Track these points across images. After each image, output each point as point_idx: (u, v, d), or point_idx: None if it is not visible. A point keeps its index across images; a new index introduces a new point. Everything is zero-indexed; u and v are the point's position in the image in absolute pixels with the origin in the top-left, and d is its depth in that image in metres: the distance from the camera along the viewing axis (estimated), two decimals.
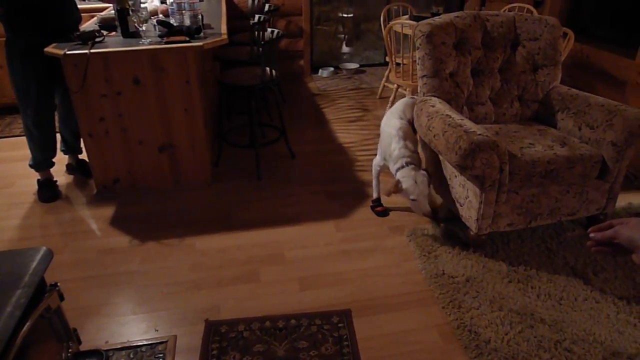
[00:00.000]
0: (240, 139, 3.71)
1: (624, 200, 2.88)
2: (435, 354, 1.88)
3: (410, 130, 2.59)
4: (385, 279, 2.27)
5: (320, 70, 5.50)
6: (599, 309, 2.08)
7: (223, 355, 1.88)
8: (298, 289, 2.22)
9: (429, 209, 2.39)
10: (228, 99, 4.21)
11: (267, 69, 3.17)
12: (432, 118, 2.38)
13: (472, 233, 2.38)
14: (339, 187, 3.10)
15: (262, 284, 2.25)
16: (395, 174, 2.45)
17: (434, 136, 2.32)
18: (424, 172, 2.42)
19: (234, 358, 1.87)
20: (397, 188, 2.40)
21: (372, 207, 2.82)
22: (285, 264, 2.38)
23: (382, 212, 2.79)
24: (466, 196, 2.33)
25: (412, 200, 2.39)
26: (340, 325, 2.01)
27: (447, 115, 2.31)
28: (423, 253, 2.41)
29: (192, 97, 2.82)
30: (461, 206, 2.40)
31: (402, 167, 2.42)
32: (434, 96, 2.58)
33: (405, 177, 2.38)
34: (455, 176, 2.41)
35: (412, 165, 2.42)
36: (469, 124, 2.20)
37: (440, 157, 2.51)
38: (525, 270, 2.30)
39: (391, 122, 2.62)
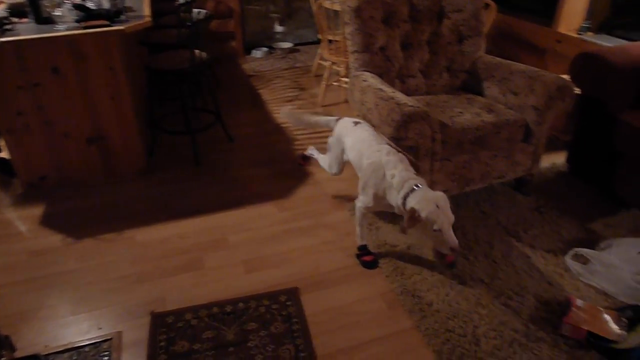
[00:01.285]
0: (174, 125, 3.59)
1: (547, 161, 3.06)
2: (381, 320, 1.95)
3: (400, 154, 2.08)
4: (329, 254, 2.31)
5: (253, 51, 5.41)
6: (530, 264, 2.22)
7: (172, 346, 1.85)
8: (244, 272, 2.21)
9: (456, 240, 1.80)
10: (158, 84, 4.05)
11: (197, 51, 3.08)
12: (365, 92, 2.41)
13: None
14: (279, 168, 3.09)
15: (207, 270, 2.23)
16: (404, 205, 1.89)
17: (368, 110, 2.35)
18: (442, 193, 1.89)
19: (184, 347, 1.84)
20: (414, 219, 1.79)
21: (359, 256, 2.23)
22: (229, 248, 2.36)
23: (371, 261, 2.19)
24: None
25: (435, 230, 1.79)
26: (288, 303, 2.03)
27: (379, 89, 2.35)
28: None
29: (118, 84, 2.69)
30: None
31: (411, 191, 1.87)
32: (366, 71, 2.61)
33: (422, 201, 1.81)
34: None
35: (424, 187, 1.89)
36: (400, 97, 2.25)
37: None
38: (462, 233, 2.41)
39: (370, 151, 2.10)
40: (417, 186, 1.87)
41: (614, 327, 1.81)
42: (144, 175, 3.01)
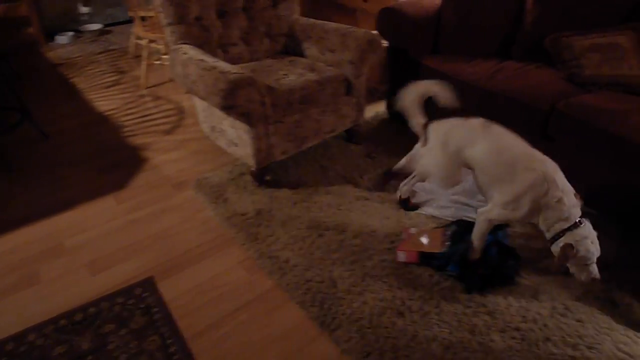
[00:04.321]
0: None
1: (371, 111, 3.34)
2: (244, 288, 1.97)
3: None
4: (181, 236, 2.24)
5: (57, 37, 4.83)
6: (368, 205, 2.42)
7: None
8: (89, 274, 2.04)
9: (598, 274, 1.77)
10: None
11: None
12: (186, 65, 2.33)
13: (252, 169, 2.48)
14: (110, 159, 2.86)
15: (45, 283, 2.00)
16: (559, 236, 1.78)
17: (193, 83, 2.28)
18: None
19: None
20: (568, 255, 1.73)
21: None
22: (68, 254, 2.15)
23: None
24: (238, 136, 2.40)
25: (585, 265, 1.76)
26: (145, 295, 1.94)
27: (200, 59, 2.29)
28: (212, 200, 2.43)
29: None
30: (237, 147, 2.47)
31: (575, 226, 1.75)
32: (185, 43, 2.52)
33: (582, 240, 1.73)
34: (224, 119, 2.45)
35: (587, 222, 1.78)
36: (223, 65, 2.22)
37: (207, 104, 2.51)
38: (305, 189, 2.53)
39: (529, 160, 1.83)
40: (580, 222, 1.76)
41: (442, 242, 2.08)
42: None
